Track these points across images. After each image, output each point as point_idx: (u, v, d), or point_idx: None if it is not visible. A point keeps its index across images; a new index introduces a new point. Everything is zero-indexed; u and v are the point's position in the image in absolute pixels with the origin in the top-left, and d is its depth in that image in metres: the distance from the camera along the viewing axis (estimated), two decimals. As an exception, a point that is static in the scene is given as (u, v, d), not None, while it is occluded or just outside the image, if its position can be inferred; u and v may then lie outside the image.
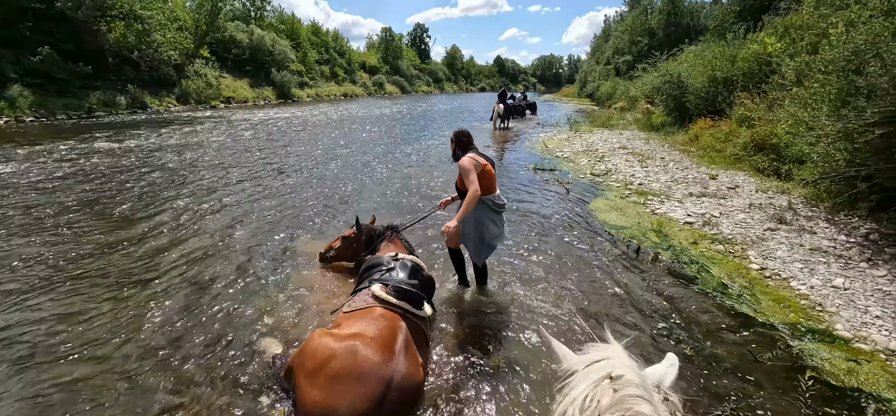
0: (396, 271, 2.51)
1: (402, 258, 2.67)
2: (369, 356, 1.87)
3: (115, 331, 2.94)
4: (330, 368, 1.84)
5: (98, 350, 2.74)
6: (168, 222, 5.18)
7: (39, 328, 2.96)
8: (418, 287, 2.48)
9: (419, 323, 2.32)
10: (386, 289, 2.31)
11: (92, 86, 21.12)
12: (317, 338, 1.98)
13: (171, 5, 28.57)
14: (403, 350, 2.02)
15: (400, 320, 2.18)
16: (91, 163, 8.48)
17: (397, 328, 2.11)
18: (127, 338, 2.87)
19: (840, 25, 5.26)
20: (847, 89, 4.58)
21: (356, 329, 2.04)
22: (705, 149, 8.85)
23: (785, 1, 12.93)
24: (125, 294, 3.44)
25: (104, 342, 2.82)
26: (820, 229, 4.56)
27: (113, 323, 3.04)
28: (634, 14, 31.66)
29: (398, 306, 2.24)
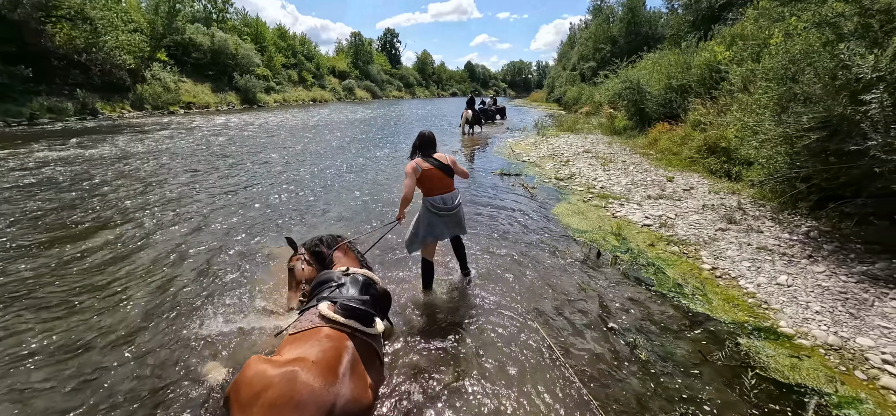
0: (346, 288, 2.38)
1: (353, 273, 2.54)
2: (309, 382, 1.75)
3: (49, 352, 2.65)
4: (265, 398, 1.70)
5: (22, 378, 2.45)
6: (114, 236, 4.80)
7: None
8: (370, 303, 2.37)
9: (370, 341, 2.21)
10: (333, 307, 2.19)
11: (35, 91, 19.59)
12: (252, 365, 1.84)
13: (125, 6, 27.03)
14: (349, 372, 1.91)
15: (347, 339, 2.06)
16: (30, 174, 7.78)
17: (343, 349, 1.99)
18: (58, 360, 2.59)
19: (778, 36, 5.60)
20: (786, 96, 4.87)
21: (297, 354, 1.91)
22: (663, 152, 9.22)
23: (732, 12, 13.79)
24: (60, 313, 3.12)
25: (35, 367, 2.53)
26: (766, 228, 4.80)
27: (45, 345, 2.74)
28: (597, 22, 32.89)
29: (346, 324, 2.13)
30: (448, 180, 3.30)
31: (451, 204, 3.27)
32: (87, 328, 3.03)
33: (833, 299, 3.29)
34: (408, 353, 2.79)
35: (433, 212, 3.25)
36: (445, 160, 3.29)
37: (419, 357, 2.75)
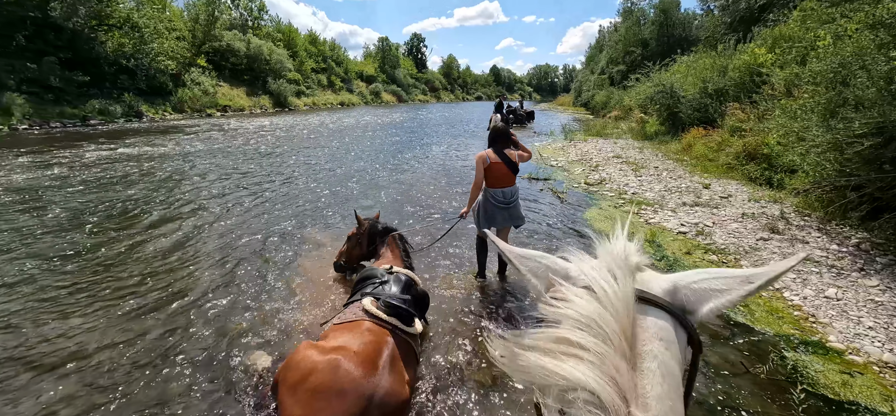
0: (390, 286, 2.47)
1: (396, 272, 2.63)
2: (351, 371, 1.85)
3: (103, 341, 2.89)
4: (310, 382, 1.81)
5: (84, 361, 2.69)
6: (162, 231, 5.12)
7: (24, 338, 2.90)
8: (410, 303, 2.45)
9: (408, 340, 2.29)
10: (376, 303, 2.28)
11: (88, 94, 21.09)
12: (301, 351, 1.96)
13: (169, 14, 28.70)
14: (388, 366, 1.99)
15: (388, 335, 2.15)
16: (83, 172, 8.41)
17: (383, 344, 2.08)
18: (115, 349, 2.81)
19: (827, 38, 5.35)
20: (835, 100, 4.65)
21: (341, 342, 2.01)
22: (698, 158, 8.93)
23: (773, 13, 13.19)
24: (115, 303, 3.38)
25: (91, 354, 2.76)
26: (812, 239, 4.58)
27: (100, 333, 2.99)
28: (628, 24, 32.13)
29: (387, 321, 2.21)
30: (511, 176, 3.47)
31: (509, 198, 3.47)
32: (148, 312, 3.27)
33: (888, 315, 3.12)
34: (442, 349, 2.86)
35: (493, 203, 3.44)
36: (513, 157, 3.44)
37: (454, 354, 2.81)
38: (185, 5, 31.72)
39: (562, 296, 0.60)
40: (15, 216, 5.57)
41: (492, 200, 3.43)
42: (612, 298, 0.56)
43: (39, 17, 19.93)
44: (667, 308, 0.59)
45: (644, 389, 0.52)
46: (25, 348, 2.85)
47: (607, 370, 0.51)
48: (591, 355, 0.52)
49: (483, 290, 3.73)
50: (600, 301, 0.57)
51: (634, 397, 0.51)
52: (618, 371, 0.51)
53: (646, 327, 0.57)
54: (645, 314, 0.58)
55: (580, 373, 0.50)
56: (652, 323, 0.58)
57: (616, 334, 0.54)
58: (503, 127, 3.60)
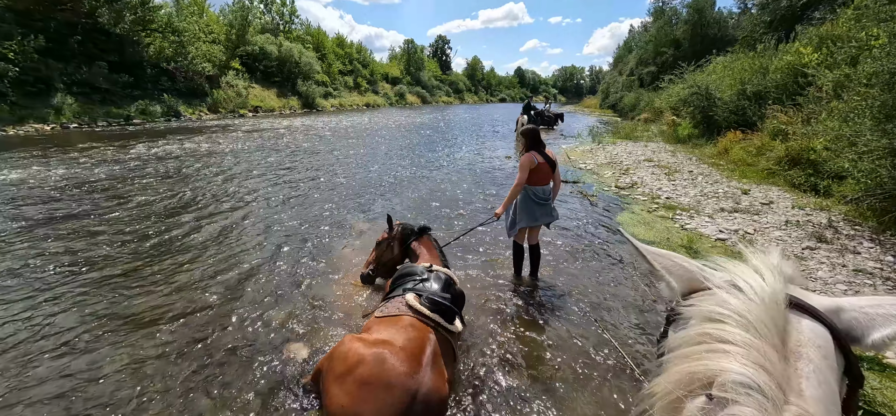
0: (430, 283, 2.49)
1: (436, 270, 2.65)
2: (397, 366, 1.88)
3: (150, 331, 3.07)
4: (358, 373, 1.86)
5: (131, 351, 2.86)
6: (209, 222, 5.38)
7: (71, 327, 3.12)
8: (451, 301, 2.48)
9: (449, 338, 2.31)
10: (419, 300, 2.31)
11: (131, 95, 22.36)
12: (347, 342, 2.01)
13: (206, 19, 30.04)
14: (431, 363, 2.00)
15: (430, 332, 2.17)
16: (130, 166, 8.93)
17: (426, 341, 2.10)
18: (161, 339, 2.99)
19: (883, 37, 5.03)
20: (893, 103, 4.37)
21: (386, 336, 2.04)
22: (736, 163, 8.57)
23: (819, 11, 12.50)
24: (160, 295, 3.59)
25: (136, 343, 2.94)
26: (864, 249, 4.33)
27: (147, 323, 3.18)
28: (659, 25, 31.15)
29: (430, 318, 2.24)
30: (551, 174, 3.65)
31: (548, 195, 3.67)
32: (191, 299, 3.45)
33: (955, 333, 2.91)
34: (484, 346, 2.88)
35: (533, 200, 3.63)
36: (553, 156, 3.65)
37: (493, 352, 2.83)
38: (221, 10, 33.13)
39: (705, 292, 0.59)
40: (79, 205, 5.98)
41: (533, 196, 3.63)
42: (759, 293, 0.55)
43: (89, 23, 21.31)
44: (825, 322, 0.55)
45: (800, 385, 0.49)
46: (77, 331, 3.07)
47: (756, 359, 0.49)
48: (738, 347, 0.51)
49: (517, 289, 3.72)
50: (747, 296, 0.55)
51: (790, 388, 0.48)
52: (768, 360, 0.49)
53: (801, 330, 0.55)
54: (800, 319, 0.56)
55: (727, 363, 0.49)
56: (808, 328, 0.55)
57: (764, 325, 0.52)
58: (537, 131, 3.70)
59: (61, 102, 18.52)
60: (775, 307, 0.54)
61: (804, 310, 0.57)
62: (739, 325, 0.53)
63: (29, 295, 3.53)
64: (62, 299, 3.49)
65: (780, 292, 0.56)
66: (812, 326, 0.55)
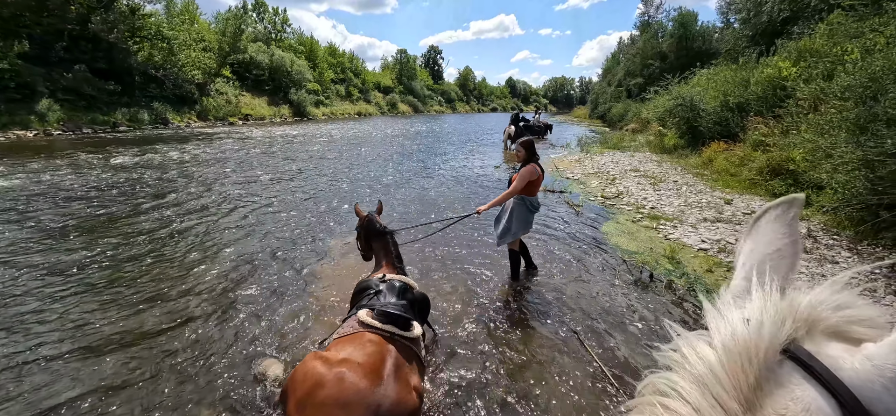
0: (384, 295, 2.45)
1: (390, 279, 2.60)
2: (356, 383, 1.83)
3: (119, 342, 2.97)
4: (317, 396, 1.79)
5: (97, 363, 2.76)
6: (182, 234, 5.27)
7: (43, 336, 3.01)
8: (406, 307, 2.42)
9: (410, 345, 2.25)
10: (371, 314, 2.26)
11: (118, 102, 22.05)
12: (307, 362, 1.94)
13: (197, 27, 29.90)
14: (393, 375, 1.95)
15: (387, 344, 2.12)
16: (110, 175, 8.75)
17: (386, 353, 2.05)
18: (129, 351, 2.89)
19: (856, 52, 5.19)
20: (866, 116, 4.49)
21: (345, 355, 1.99)
22: (719, 173, 8.72)
23: (798, 26, 12.89)
24: (132, 305, 3.48)
25: (107, 352, 2.85)
26: (842, 259, 4.40)
27: (119, 334, 3.08)
28: (645, 37, 31.87)
29: (384, 329, 2.18)
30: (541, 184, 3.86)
31: (538, 203, 3.88)
32: (163, 314, 3.35)
33: (927, 342, 2.95)
34: (463, 357, 2.84)
35: (529, 209, 3.78)
36: (542, 167, 3.80)
37: (474, 362, 2.79)
38: (215, 17, 33.03)
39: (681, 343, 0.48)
40: (42, 215, 5.82)
41: (530, 206, 3.80)
42: (727, 343, 0.44)
43: (77, 29, 21.05)
44: (834, 390, 0.40)
45: None
46: (50, 340, 2.96)
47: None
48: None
49: (502, 299, 3.70)
50: (714, 345, 0.45)
51: None
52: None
53: (793, 397, 0.41)
54: (799, 382, 0.42)
55: None
56: (804, 397, 0.41)
57: (721, 388, 0.42)
58: (533, 140, 3.89)
59: (45, 109, 18.18)
60: (747, 362, 0.43)
61: (806, 368, 0.43)
62: (690, 383, 0.44)
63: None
64: (24, 317, 3.36)
65: (764, 343, 0.44)
66: (812, 395, 0.41)
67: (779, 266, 0.56)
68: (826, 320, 0.46)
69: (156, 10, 26.41)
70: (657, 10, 34.46)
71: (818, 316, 0.46)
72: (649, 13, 34.90)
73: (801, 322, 0.46)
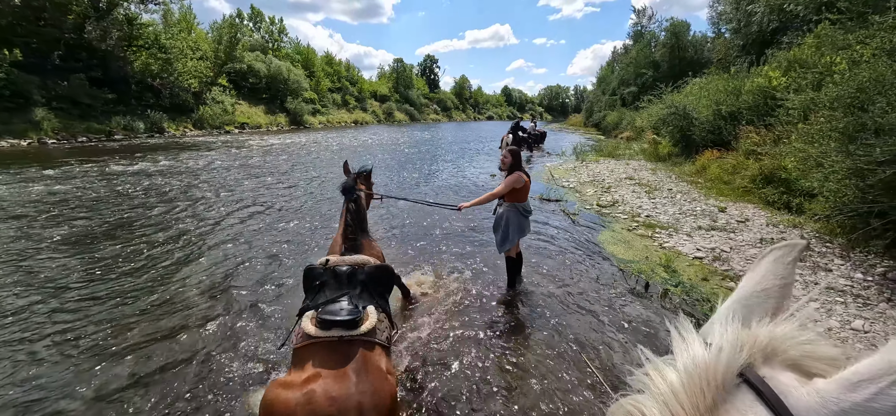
0: (327, 289, 2.24)
1: (334, 265, 2.32)
2: (328, 394, 1.75)
3: (103, 367, 2.94)
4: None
5: (81, 387, 2.73)
6: (173, 245, 5.25)
7: (14, 355, 2.98)
8: (356, 296, 2.23)
9: (365, 339, 2.06)
10: (314, 319, 2.08)
11: (114, 111, 21.97)
12: (270, 392, 1.83)
13: (194, 36, 29.95)
14: (361, 370, 1.88)
15: (345, 345, 2.00)
16: (104, 184, 8.70)
17: (346, 354, 1.95)
18: (117, 375, 2.86)
19: (843, 63, 5.31)
20: (854, 125, 4.58)
21: (309, 372, 1.88)
22: (713, 180, 8.82)
23: (788, 35, 13.15)
24: (120, 324, 3.45)
25: (92, 376, 2.82)
26: (835, 267, 4.46)
27: (100, 358, 3.05)
28: (639, 47, 32.33)
29: (330, 336, 2.00)
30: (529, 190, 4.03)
31: (530, 207, 4.04)
32: (153, 329, 3.33)
33: (919, 350, 2.99)
34: (457, 366, 2.83)
35: (523, 215, 3.92)
36: (529, 174, 3.96)
37: (468, 371, 2.79)
38: (210, 27, 33.11)
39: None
40: (31, 228, 5.77)
41: (523, 212, 3.94)
42: (687, 366, 0.47)
43: (74, 38, 21.04)
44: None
45: None
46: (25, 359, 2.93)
47: None
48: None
49: (498, 306, 3.71)
50: (679, 375, 0.48)
51: None
52: None
53: (743, 415, 0.44)
54: (749, 403, 0.45)
55: None
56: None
57: (680, 407, 0.45)
58: (519, 150, 4.10)
59: (40, 117, 18.09)
60: (706, 384, 0.46)
61: (757, 392, 0.45)
62: (654, 404, 0.47)
63: (-14, 322, 3.36)
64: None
65: (722, 366, 0.47)
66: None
67: (764, 304, 0.59)
68: (785, 352, 0.50)
69: (153, 19, 26.48)
70: (650, 20, 35.00)
71: (778, 347, 0.50)
72: (642, 23, 35.43)
73: (759, 351, 0.49)
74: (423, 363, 2.93)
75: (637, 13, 35.83)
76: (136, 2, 24.44)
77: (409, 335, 3.26)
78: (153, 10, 25.98)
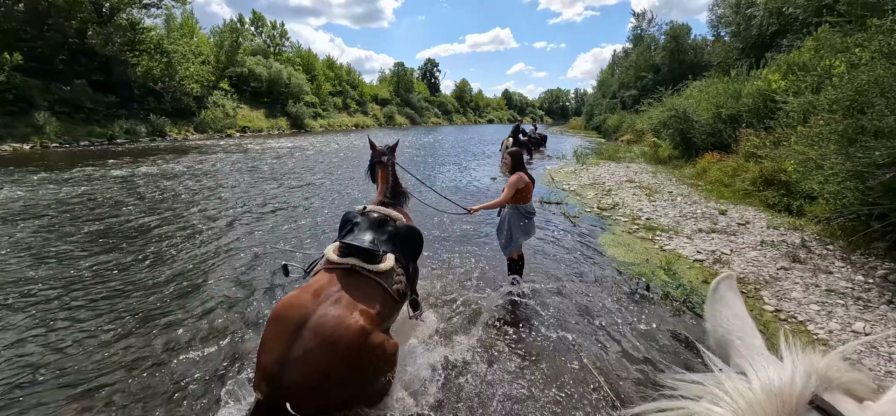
0: (359, 228, 2.49)
1: (370, 212, 2.62)
2: (291, 301, 1.99)
3: (110, 363, 2.96)
4: (272, 313, 2.01)
5: (79, 383, 2.75)
6: (174, 247, 5.26)
7: (16, 352, 2.99)
8: (381, 240, 2.45)
9: (375, 277, 2.25)
10: (337, 249, 2.33)
11: (116, 115, 22.08)
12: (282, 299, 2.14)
13: (196, 41, 30.14)
14: (333, 297, 2.03)
15: (340, 274, 2.20)
16: (103, 189, 8.74)
17: (333, 280, 2.14)
18: (123, 373, 2.88)
19: (842, 66, 5.33)
20: (853, 128, 4.60)
21: (306, 287, 2.13)
22: (713, 183, 8.82)
23: (787, 38, 13.19)
24: (120, 322, 3.47)
25: (92, 375, 2.83)
26: (836, 269, 4.45)
27: (101, 352, 3.06)
28: (639, 50, 32.42)
29: (342, 263, 2.24)
30: (532, 191, 4.01)
31: (534, 209, 4.01)
32: (162, 329, 3.34)
33: (920, 352, 2.99)
34: (459, 369, 2.84)
35: (526, 216, 3.93)
36: (532, 175, 3.95)
37: (469, 375, 2.79)
38: (212, 31, 33.33)
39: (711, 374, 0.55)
40: (30, 227, 5.80)
41: (526, 213, 3.94)
42: (766, 384, 0.51)
43: (77, 43, 21.18)
44: None
45: None
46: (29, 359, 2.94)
47: None
48: None
49: (505, 310, 3.71)
50: (750, 383, 0.51)
51: None
52: None
53: None
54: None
55: None
56: None
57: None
58: (520, 151, 4.09)
59: (43, 121, 18.18)
60: (781, 406, 0.50)
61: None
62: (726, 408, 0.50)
63: (-11, 325, 3.38)
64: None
65: (797, 392, 0.51)
66: None
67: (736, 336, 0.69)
68: (837, 379, 0.56)
69: (156, 24, 26.67)
70: (649, 24, 35.12)
71: (833, 375, 0.56)
72: (642, 27, 35.55)
73: (822, 379, 0.55)
74: (425, 367, 2.93)
75: (637, 17, 35.99)
76: (138, 6, 24.62)
77: (409, 336, 3.27)
78: (156, 14, 26.18)
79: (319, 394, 1.80)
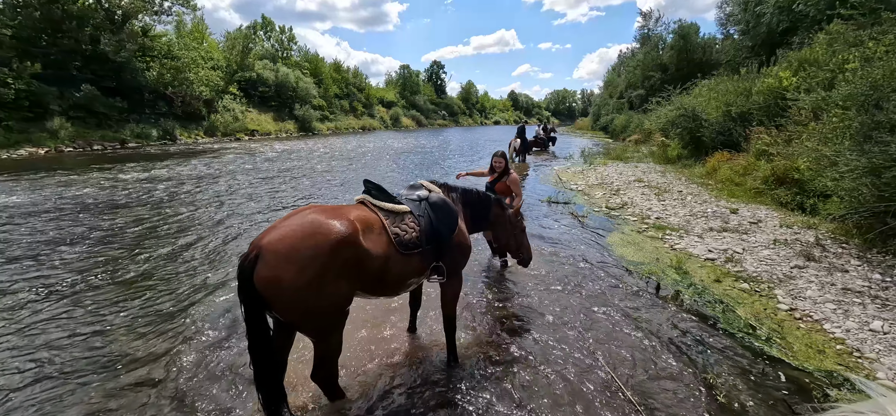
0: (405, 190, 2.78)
1: (423, 185, 2.82)
2: (277, 224, 2.08)
3: (128, 362, 3.00)
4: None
5: (94, 377, 2.79)
6: (191, 247, 5.33)
7: (31, 353, 3.04)
8: (410, 199, 2.60)
9: (377, 212, 2.41)
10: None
11: (128, 119, 22.49)
12: None
13: (206, 46, 30.59)
14: (336, 211, 2.18)
15: (360, 206, 2.44)
16: (117, 189, 8.88)
17: (347, 211, 2.23)
18: (146, 373, 2.92)
19: (856, 61, 5.23)
20: (869, 124, 4.50)
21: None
22: (724, 182, 8.70)
23: (798, 36, 12.98)
24: (138, 326, 3.52)
25: (115, 370, 2.87)
26: (852, 267, 4.36)
27: (121, 352, 3.10)
28: (646, 49, 32.15)
29: (360, 198, 2.53)
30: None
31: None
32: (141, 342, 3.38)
33: (942, 351, 2.91)
34: (469, 376, 2.83)
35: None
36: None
37: (482, 381, 2.78)
38: (225, 36, 33.78)
39: None
40: (45, 227, 5.91)
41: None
42: None
43: (90, 49, 21.62)
44: None
45: None
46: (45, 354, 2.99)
47: None
48: None
49: (512, 314, 3.69)
50: None
51: None
52: None
53: None
54: None
55: None
56: None
57: None
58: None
59: (57, 126, 18.59)
60: None
61: None
62: None
63: None
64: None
65: None
66: None
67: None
68: None
69: (166, 31, 27.13)
70: (656, 23, 34.80)
71: None
72: (648, 26, 35.24)
73: None
74: (430, 363, 2.93)
75: (644, 16, 35.66)
76: (149, 13, 25.06)
77: (409, 335, 3.27)
78: (166, 21, 26.62)
79: (283, 264, 1.91)
